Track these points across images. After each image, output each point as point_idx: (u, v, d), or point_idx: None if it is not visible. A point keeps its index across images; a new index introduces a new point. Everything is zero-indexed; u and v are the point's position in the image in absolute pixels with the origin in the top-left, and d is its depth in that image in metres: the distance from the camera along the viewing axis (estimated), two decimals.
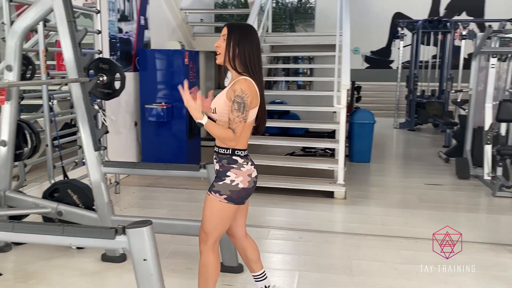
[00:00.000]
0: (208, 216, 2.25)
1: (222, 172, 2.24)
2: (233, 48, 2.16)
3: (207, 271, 2.27)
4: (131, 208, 4.37)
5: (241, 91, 2.10)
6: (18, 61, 3.06)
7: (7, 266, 3.09)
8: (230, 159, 2.23)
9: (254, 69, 2.18)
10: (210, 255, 2.28)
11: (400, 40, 9.84)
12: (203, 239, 2.29)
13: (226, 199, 2.19)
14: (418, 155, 7.35)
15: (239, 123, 2.10)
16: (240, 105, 2.09)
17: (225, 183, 2.19)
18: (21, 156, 3.27)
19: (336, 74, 5.01)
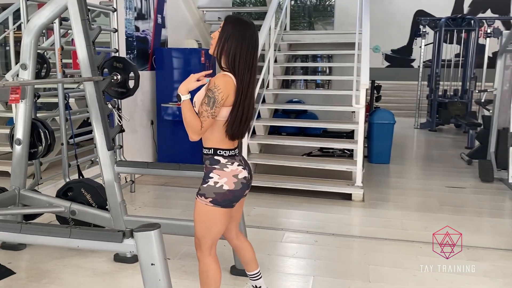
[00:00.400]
0: (198, 220, 2.17)
1: (206, 174, 2.13)
2: (222, 43, 2.06)
3: (207, 277, 2.20)
4: (146, 207, 4.34)
5: (214, 85, 2.00)
6: (33, 59, 3.05)
7: (21, 265, 3.09)
8: (212, 159, 2.12)
9: (237, 69, 2.05)
10: (207, 261, 2.20)
11: (422, 38, 9.62)
12: (197, 244, 2.21)
13: (212, 202, 2.08)
14: (439, 157, 7.17)
15: (206, 118, 1.99)
16: (210, 99, 1.99)
17: (209, 185, 2.08)
18: (35, 155, 3.27)
19: (355, 72, 4.90)
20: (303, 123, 6.28)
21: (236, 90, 2.06)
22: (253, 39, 2.10)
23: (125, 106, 5.08)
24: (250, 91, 2.12)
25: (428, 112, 9.82)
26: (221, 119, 2.07)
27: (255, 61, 2.13)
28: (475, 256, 3.27)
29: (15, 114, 3.18)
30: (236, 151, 2.17)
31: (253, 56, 2.09)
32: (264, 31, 5.49)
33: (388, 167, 6.12)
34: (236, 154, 2.17)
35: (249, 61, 2.08)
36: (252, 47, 2.09)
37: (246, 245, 2.49)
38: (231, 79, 2.06)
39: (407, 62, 13.63)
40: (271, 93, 6.06)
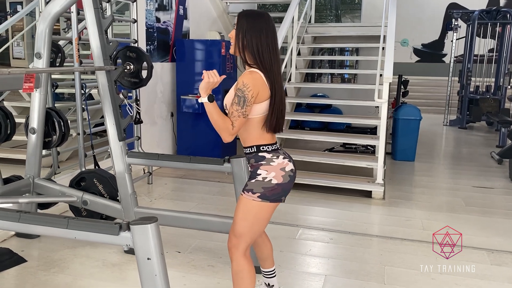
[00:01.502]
0: (241, 218, 2.09)
1: (253, 172, 2.08)
2: (241, 39, 2.01)
3: (242, 278, 2.10)
4: (162, 199, 4.33)
5: (243, 84, 1.96)
6: (47, 48, 3.04)
7: (33, 253, 3.10)
8: (257, 156, 2.07)
9: (264, 60, 2.01)
10: (242, 261, 2.10)
11: (454, 32, 9.27)
12: (234, 244, 2.11)
13: (260, 197, 2.02)
14: (468, 155, 6.89)
15: (238, 118, 1.96)
16: (240, 98, 1.95)
17: (257, 180, 2.03)
18: (50, 144, 3.27)
19: (379, 66, 4.73)
20: (324, 118, 6.15)
21: (269, 84, 2.03)
22: (270, 27, 2.06)
23: (145, 98, 5.07)
24: (279, 81, 2.09)
25: (459, 108, 9.48)
26: (255, 116, 2.04)
27: (277, 50, 2.09)
28: (498, 261, 3.09)
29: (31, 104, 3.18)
30: (277, 144, 2.13)
31: (274, 45, 2.06)
32: (286, 23, 5.37)
33: (412, 165, 5.91)
34: (278, 148, 2.13)
35: (273, 50, 2.05)
36: (272, 36, 2.05)
37: (266, 242, 2.42)
38: (259, 74, 2.02)
39: (438, 57, 13.22)
40: (293, 87, 5.94)
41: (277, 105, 2.07)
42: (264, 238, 2.43)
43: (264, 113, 2.05)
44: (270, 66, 2.04)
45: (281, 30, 5.27)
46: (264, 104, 2.04)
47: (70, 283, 2.71)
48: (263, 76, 2.02)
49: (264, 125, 2.06)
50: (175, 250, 3.18)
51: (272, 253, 2.45)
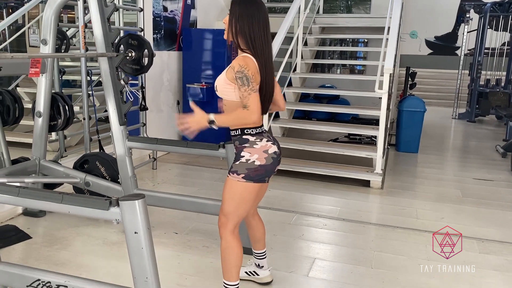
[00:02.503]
0: (227, 198, 2.21)
1: (237, 154, 2.20)
2: (234, 24, 2.10)
3: (229, 254, 2.22)
4: (164, 183, 4.46)
5: (239, 66, 2.04)
6: (53, 35, 3.17)
7: (38, 231, 3.26)
8: (241, 139, 2.18)
9: (256, 45, 2.09)
10: (230, 238, 2.21)
11: (465, 24, 9.18)
12: (223, 223, 2.23)
13: (244, 178, 2.13)
14: (474, 148, 6.89)
15: (249, 96, 2.04)
16: (243, 79, 2.03)
17: (241, 162, 2.14)
18: (55, 127, 3.41)
19: (381, 58, 4.76)
20: (327, 108, 6.21)
21: (260, 69, 2.11)
22: (262, 13, 2.14)
23: (151, 86, 5.19)
24: (270, 67, 2.18)
25: (468, 102, 9.42)
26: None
27: (269, 36, 2.17)
28: (487, 250, 3.15)
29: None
30: (262, 128, 2.22)
31: (266, 30, 2.15)
32: (291, 13, 5.42)
33: (415, 157, 5.95)
34: (263, 131, 2.22)
35: (264, 36, 2.13)
36: (263, 22, 2.14)
37: (260, 225, 2.53)
38: (251, 59, 2.10)
39: (451, 49, 13.05)
40: (298, 77, 6.00)
41: (268, 90, 2.18)
42: (258, 221, 2.54)
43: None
44: (262, 51, 2.12)
45: (286, 19, 5.33)
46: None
47: (71, 259, 2.86)
48: (255, 61, 2.10)
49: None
50: (172, 231, 3.31)
51: (264, 236, 2.56)
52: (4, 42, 5.35)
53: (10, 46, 5.37)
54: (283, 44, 5.44)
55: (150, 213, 3.48)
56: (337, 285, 2.65)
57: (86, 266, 2.78)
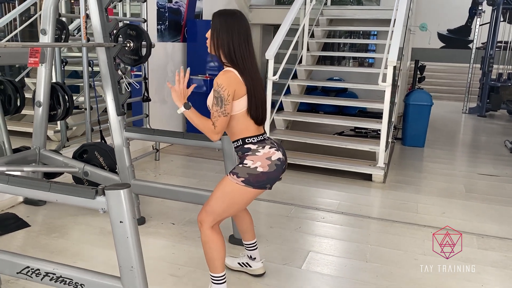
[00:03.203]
0: (218, 196, 2.17)
1: (240, 162, 2.17)
2: (215, 38, 2.11)
3: (210, 248, 2.20)
4: (165, 175, 4.48)
5: (217, 85, 2.05)
6: (52, 25, 3.18)
7: (37, 219, 3.30)
8: (243, 148, 2.16)
9: (237, 58, 2.09)
10: (209, 233, 2.19)
11: (477, 17, 9.01)
12: (202, 218, 2.19)
13: (243, 182, 2.09)
14: (482, 143, 6.79)
15: (218, 118, 2.05)
16: (217, 99, 2.04)
17: (244, 166, 2.11)
18: (55, 117, 3.44)
19: (386, 50, 4.69)
20: (331, 101, 6.14)
21: (244, 80, 2.10)
22: (242, 26, 2.14)
23: (155, 77, 5.21)
24: (256, 76, 2.17)
25: (479, 96, 9.28)
26: (236, 112, 2.12)
27: (251, 47, 2.17)
28: (486, 245, 3.10)
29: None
30: (264, 135, 2.21)
31: (247, 42, 2.14)
32: (296, 4, 5.37)
33: (421, 151, 5.88)
34: (265, 138, 2.20)
35: (245, 48, 2.13)
36: (244, 34, 2.13)
37: (246, 215, 2.53)
38: (233, 72, 2.10)
39: (464, 43, 12.84)
40: (303, 69, 5.96)
41: (257, 99, 2.16)
42: (243, 212, 2.50)
43: (243, 108, 2.12)
44: (243, 63, 2.11)
45: (291, 11, 5.28)
46: (242, 100, 2.11)
47: (67, 247, 2.89)
48: (237, 73, 2.10)
49: (248, 117, 2.14)
50: (170, 221, 3.33)
51: (252, 227, 2.55)
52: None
53: (22, 37, 5.40)
54: (289, 36, 5.41)
55: (149, 204, 3.55)
56: (330, 278, 2.64)
57: (82, 254, 2.80)
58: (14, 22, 5.55)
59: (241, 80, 2.09)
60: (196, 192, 3.07)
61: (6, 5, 5.95)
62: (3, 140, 3.39)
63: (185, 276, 2.58)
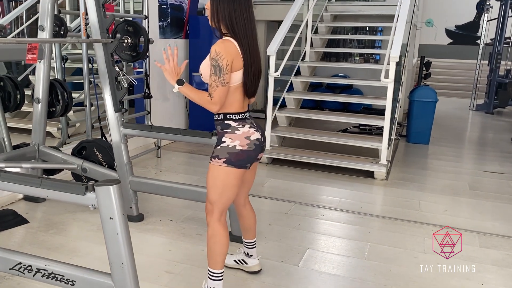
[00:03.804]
0: (211, 184, 2.17)
1: (218, 139, 2.14)
2: (216, 9, 2.05)
3: (215, 242, 2.19)
4: (166, 171, 4.47)
5: (215, 53, 1.98)
6: (50, 21, 3.18)
7: (36, 215, 3.31)
8: (223, 123, 2.13)
9: (238, 28, 2.04)
10: (217, 226, 2.18)
11: (485, 12, 8.89)
12: (209, 210, 2.20)
13: (225, 162, 2.08)
14: (488, 140, 6.70)
15: (216, 88, 1.99)
16: (215, 68, 1.98)
17: (222, 147, 2.10)
18: (54, 114, 3.44)
19: (389, 46, 4.63)
20: (334, 98, 6.11)
21: (242, 52, 2.06)
22: None
23: (157, 73, 5.19)
24: (255, 49, 2.13)
25: (486, 93, 9.16)
26: (234, 84, 2.08)
27: (252, 16, 2.11)
28: (488, 244, 3.05)
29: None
30: (246, 114, 2.18)
31: (248, 11, 2.08)
32: (299, 1, 5.33)
33: (426, 148, 5.81)
34: (247, 117, 2.17)
35: (246, 17, 2.07)
36: (245, 3, 2.07)
37: (250, 214, 2.50)
38: (231, 42, 2.05)
39: (473, 39, 12.68)
40: (306, 66, 5.91)
41: (254, 72, 2.12)
42: (249, 210, 2.50)
43: (237, 82, 2.08)
44: (244, 34, 2.06)
45: (294, 7, 5.24)
46: (238, 74, 2.06)
47: (64, 243, 2.89)
48: (237, 44, 2.05)
49: (237, 92, 2.10)
50: (168, 218, 3.31)
51: (255, 226, 2.53)
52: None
53: (29, 33, 5.40)
54: (293, 32, 5.36)
55: (148, 200, 3.54)
56: (327, 276, 2.60)
57: (78, 251, 2.80)
58: (21, 19, 5.58)
59: (239, 52, 2.04)
60: (194, 189, 3.06)
61: (13, 3, 5.99)
62: (3, 137, 3.39)
63: (181, 273, 2.57)
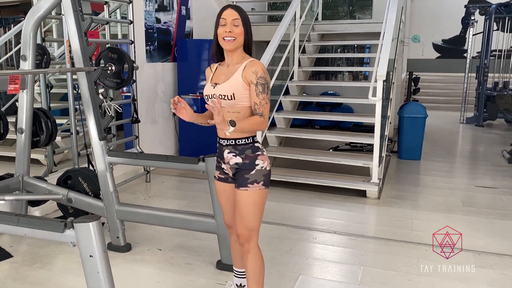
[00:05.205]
0: (252, 211, 2.11)
1: (249, 163, 2.09)
2: (250, 32, 2.10)
3: (261, 266, 2.18)
4: (156, 197, 4.39)
5: (263, 72, 2.04)
6: (33, 50, 3.14)
7: (20, 249, 3.21)
8: (253, 147, 2.12)
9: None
10: (258, 250, 2.18)
11: (470, 27, 9.00)
12: (249, 237, 2.14)
13: (264, 185, 2.09)
14: (479, 154, 6.70)
15: (266, 105, 2.05)
16: (264, 86, 2.03)
17: (257, 170, 2.09)
18: (38, 143, 3.38)
19: (376, 63, 4.64)
20: (324, 116, 6.10)
21: None
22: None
23: (145, 97, 5.16)
24: None
25: (476, 106, 9.21)
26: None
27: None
28: (483, 263, 2.99)
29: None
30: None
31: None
32: (285, 21, 5.35)
33: (418, 164, 5.79)
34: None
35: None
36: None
37: None
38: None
39: (460, 52, 12.84)
40: (295, 85, 5.91)
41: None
42: None
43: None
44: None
45: (280, 27, 5.26)
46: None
47: (48, 278, 2.80)
48: None
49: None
50: (157, 247, 3.23)
51: None
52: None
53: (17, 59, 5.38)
54: (281, 51, 5.37)
55: (136, 228, 3.46)
56: None
57: (63, 286, 2.71)
58: (10, 44, 5.55)
59: None
60: (182, 217, 2.99)
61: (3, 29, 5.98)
62: None
63: None
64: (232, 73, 2.08)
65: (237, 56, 2.11)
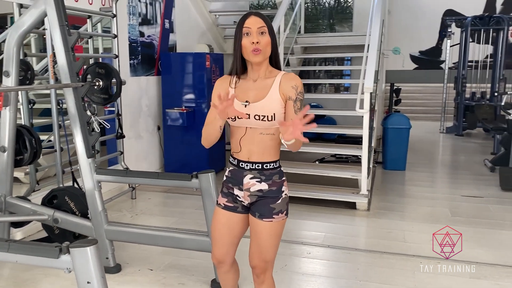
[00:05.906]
0: (272, 243, 1.96)
1: (276, 191, 1.91)
2: (275, 41, 1.85)
3: None
4: (143, 214, 4.28)
5: (302, 87, 1.84)
6: (16, 66, 3.04)
7: (4, 272, 3.07)
8: (281, 172, 1.94)
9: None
10: (273, 281, 2.05)
11: (447, 39, 9.21)
12: (265, 268, 2.00)
13: (286, 215, 1.95)
14: (462, 163, 6.79)
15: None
16: (301, 102, 1.83)
17: (283, 199, 1.92)
18: (21, 162, 3.25)
19: (362, 76, 4.68)
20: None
21: None
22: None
23: (129, 112, 5.07)
24: None
25: (455, 116, 9.39)
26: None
27: None
28: (478, 274, 3.00)
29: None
30: None
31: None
32: None
33: (403, 174, 5.83)
34: None
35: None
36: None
37: (237, 271, 2.24)
38: None
39: (436, 63, 13.10)
40: None
41: None
42: (236, 268, 2.23)
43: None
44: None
45: None
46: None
47: None
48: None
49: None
50: (148, 267, 3.13)
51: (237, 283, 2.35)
52: None
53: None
54: None
55: (125, 248, 3.35)
56: None
57: None
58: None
59: None
60: (176, 236, 2.91)
61: None
62: None
63: None
64: (266, 89, 1.84)
65: (264, 69, 1.88)
